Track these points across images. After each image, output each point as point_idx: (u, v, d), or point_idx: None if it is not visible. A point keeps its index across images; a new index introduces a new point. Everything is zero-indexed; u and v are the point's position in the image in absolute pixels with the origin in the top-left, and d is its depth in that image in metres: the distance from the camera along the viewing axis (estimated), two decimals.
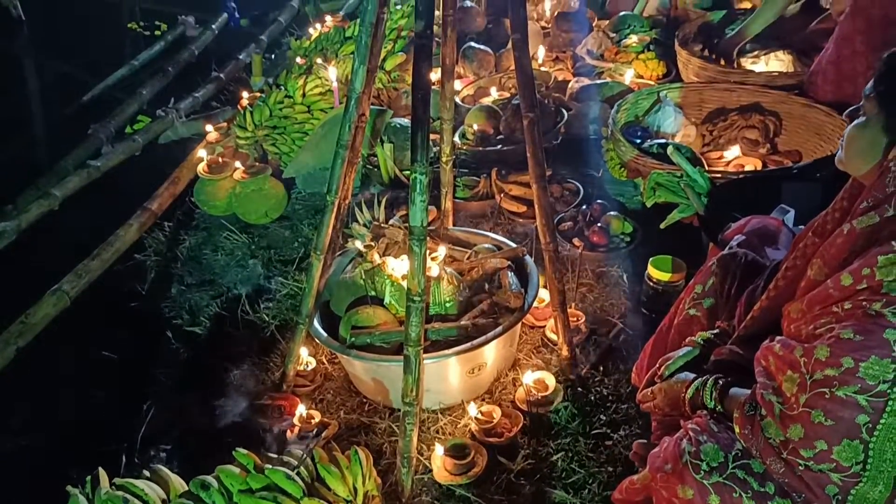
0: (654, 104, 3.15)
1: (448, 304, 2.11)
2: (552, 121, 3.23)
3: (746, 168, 2.86)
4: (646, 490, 1.48)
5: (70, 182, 3.40)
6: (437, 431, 2.08)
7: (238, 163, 3.21)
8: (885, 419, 1.13)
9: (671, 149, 2.50)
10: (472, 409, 2.03)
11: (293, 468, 1.74)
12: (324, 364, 2.35)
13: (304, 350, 2.26)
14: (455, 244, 2.39)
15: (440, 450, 1.94)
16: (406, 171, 3.10)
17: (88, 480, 1.74)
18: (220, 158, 3.29)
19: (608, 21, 4.24)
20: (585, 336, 2.31)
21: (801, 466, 1.20)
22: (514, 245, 2.36)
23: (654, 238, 2.54)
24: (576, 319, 2.31)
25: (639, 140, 2.95)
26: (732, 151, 2.95)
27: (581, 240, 2.62)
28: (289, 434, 2.04)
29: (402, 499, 1.88)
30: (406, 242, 1.81)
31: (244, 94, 3.85)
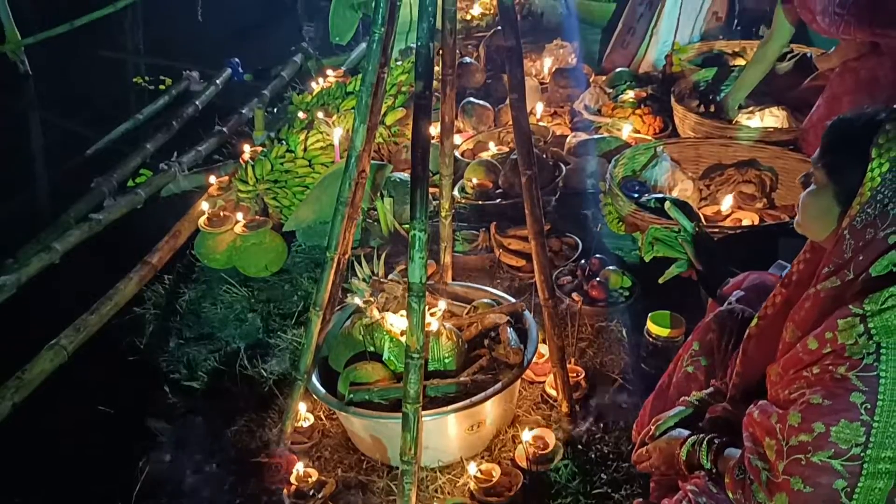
0: (652, 159, 3.20)
1: (447, 360, 2.10)
2: (550, 175, 3.27)
3: (744, 223, 2.88)
4: None
5: (71, 235, 3.42)
6: (436, 490, 2.05)
7: (239, 216, 3.24)
8: (863, 482, 1.14)
9: (668, 204, 2.51)
10: (472, 468, 2.01)
11: None
12: (322, 420, 2.33)
13: (303, 405, 2.24)
14: (454, 299, 2.39)
15: None
16: (405, 226, 3.12)
17: None
18: (222, 212, 3.31)
19: (605, 77, 4.32)
20: (585, 392, 2.30)
21: None
22: (513, 300, 2.36)
23: (653, 292, 2.54)
24: (575, 375, 2.30)
25: (636, 195, 2.98)
26: (729, 206, 2.97)
27: (580, 294, 2.63)
28: (285, 493, 2.01)
29: None
30: (405, 297, 1.82)
31: (246, 148, 3.90)
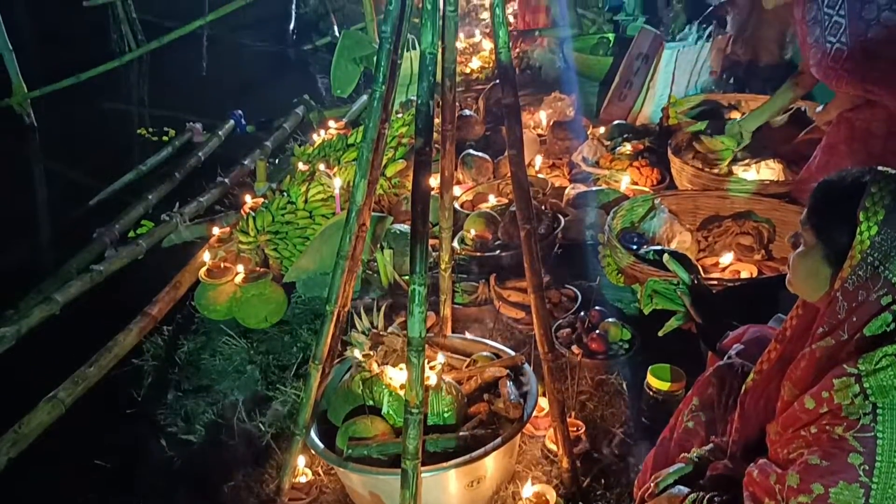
0: (650, 211, 3.22)
1: (446, 415, 2.09)
2: (550, 227, 3.29)
3: (742, 274, 2.89)
4: None
5: (72, 287, 3.43)
6: None
7: (240, 267, 3.25)
8: None
9: (667, 256, 2.52)
10: None
11: None
12: (320, 476, 2.30)
13: (301, 460, 2.22)
14: (453, 352, 2.39)
15: None
16: (405, 277, 3.13)
17: None
18: (222, 263, 3.32)
19: (603, 129, 4.38)
20: (586, 447, 2.28)
21: None
22: (513, 353, 2.35)
23: (653, 345, 2.53)
24: (575, 429, 2.28)
25: (635, 246, 2.99)
26: (727, 258, 2.98)
27: (580, 347, 2.62)
28: None
29: None
30: (405, 351, 1.82)
31: (248, 199, 3.94)
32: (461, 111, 4.53)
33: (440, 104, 2.28)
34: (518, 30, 6.01)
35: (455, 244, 3.37)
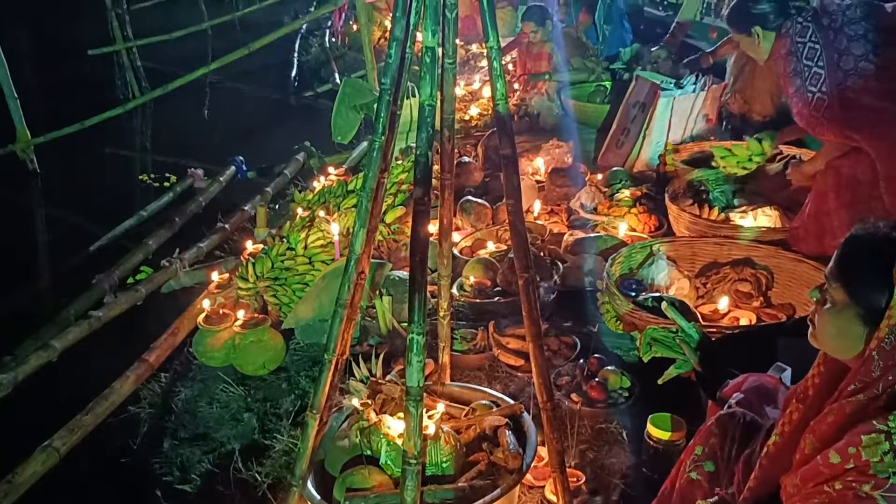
0: (648, 257, 3.23)
1: (445, 465, 2.07)
2: (548, 274, 3.30)
3: (741, 322, 2.89)
4: None
5: (70, 333, 3.42)
6: None
7: (239, 313, 3.25)
8: None
9: (665, 304, 2.54)
10: None
11: None
12: None
13: None
14: (452, 400, 2.37)
15: None
16: (404, 324, 3.12)
17: None
18: (221, 309, 3.32)
19: (600, 176, 4.42)
20: (586, 498, 2.25)
21: None
22: (512, 401, 2.34)
23: (653, 393, 2.52)
24: (575, 480, 2.25)
25: (633, 293, 3.00)
26: (725, 305, 2.99)
27: (579, 395, 2.61)
28: None
29: None
30: (403, 399, 1.81)
31: (248, 245, 3.95)
32: (460, 158, 4.58)
33: (439, 152, 2.31)
34: (529, 73, 6.10)
35: (454, 290, 3.37)
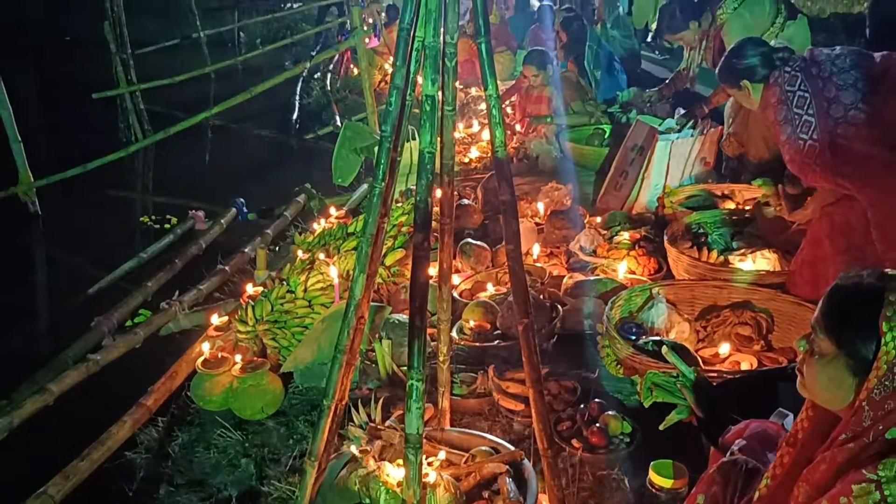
0: (648, 301, 3.23)
1: None
2: (548, 317, 3.29)
3: (742, 365, 2.88)
4: None
5: (68, 377, 3.40)
6: None
7: (237, 357, 3.24)
8: None
9: (665, 348, 2.52)
10: None
11: None
12: None
13: None
14: (452, 446, 2.35)
15: None
16: (403, 368, 3.11)
17: None
18: (220, 353, 3.31)
19: (599, 218, 4.44)
20: None
21: None
22: (512, 447, 2.32)
23: (655, 438, 2.48)
24: None
25: (633, 337, 2.99)
26: (726, 348, 2.98)
27: (580, 441, 2.58)
28: None
29: None
30: (402, 445, 1.79)
31: (248, 288, 3.94)
32: (459, 200, 4.60)
33: (438, 197, 2.33)
34: (531, 116, 6.18)
35: (453, 334, 3.36)
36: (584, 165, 5.65)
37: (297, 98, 9.94)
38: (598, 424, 2.64)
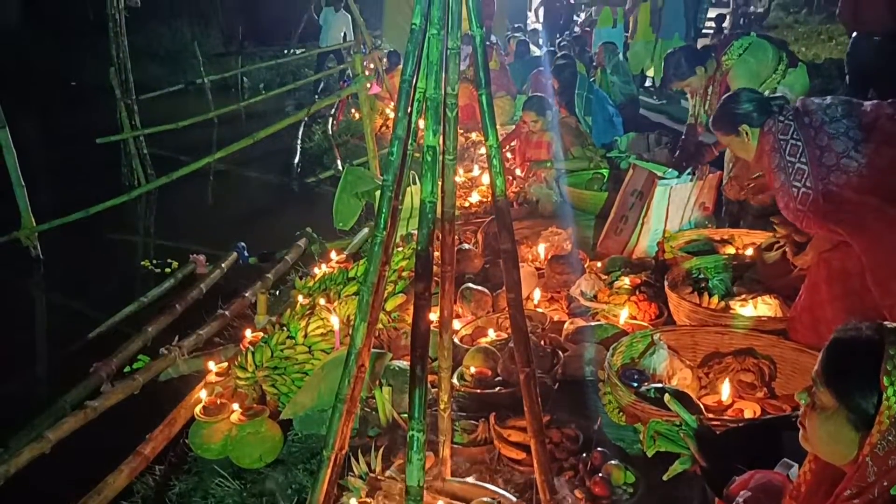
0: (649, 347, 3.21)
1: None
2: (549, 363, 3.27)
3: (745, 413, 2.85)
4: None
5: (65, 423, 3.37)
6: None
7: (236, 405, 3.21)
8: None
9: (668, 396, 2.50)
10: None
11: None
12: None
13: None
14: (453, 497, 2.32)
15: None
16: (404, 415, 3.08)
17: None
18: (219, 399, 3.29)
19: (600, 263, 4.44)
20: None
21: None
22: (514, 498, 2.29)
23: (658, 488, 2.47)
24: None
25: (635, 384, 2.97)
26: (728, 396, 2.95)
27: (582, 490, 2.54)
28: None
29: None
30: (403, 497, 1.77)
31: (247, 333, 3.93)
32: (460, 245, 4.61)
33: (440, 243, 2.34)
34: (532, 161, 6.23)
35: (454, 380, 3.33)
36: (584, 210, 5.67)
37: (299, 142, 10.05)
38: (601, 474, 2.60)
